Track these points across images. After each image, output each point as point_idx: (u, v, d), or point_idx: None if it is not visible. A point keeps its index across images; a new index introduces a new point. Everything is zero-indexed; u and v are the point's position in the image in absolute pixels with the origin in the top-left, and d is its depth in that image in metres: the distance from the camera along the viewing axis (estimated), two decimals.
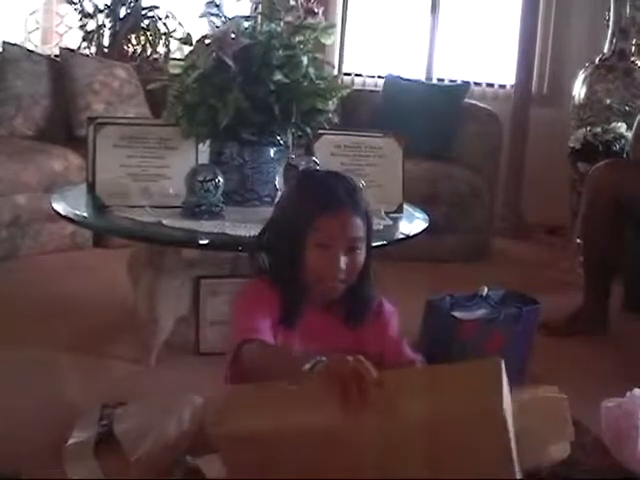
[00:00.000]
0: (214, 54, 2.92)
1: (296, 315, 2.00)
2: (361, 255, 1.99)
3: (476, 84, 5.79)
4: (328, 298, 2.04)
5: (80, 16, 5.77)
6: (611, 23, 5.08)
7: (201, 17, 3.09)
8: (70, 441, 2.37)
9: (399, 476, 1.62)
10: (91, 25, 5.77)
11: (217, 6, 3.05)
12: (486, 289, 3.16)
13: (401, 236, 3.03)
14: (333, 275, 1.95)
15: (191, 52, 3.09)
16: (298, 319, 2.00)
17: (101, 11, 5.74)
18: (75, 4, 5.76)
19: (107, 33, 5.78)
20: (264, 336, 1.92)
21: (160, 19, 5.80)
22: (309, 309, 2.02)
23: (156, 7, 5.81)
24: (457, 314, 2.97)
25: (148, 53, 5.78)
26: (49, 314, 3.51)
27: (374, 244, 2.77)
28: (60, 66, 5.01)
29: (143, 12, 5.77)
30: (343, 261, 1.95)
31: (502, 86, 5.88)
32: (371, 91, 5.67)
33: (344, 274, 1.96)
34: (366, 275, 2.04)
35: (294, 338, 2.01)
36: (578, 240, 4.22)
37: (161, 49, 5.78)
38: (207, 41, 2.99)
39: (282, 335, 1.99)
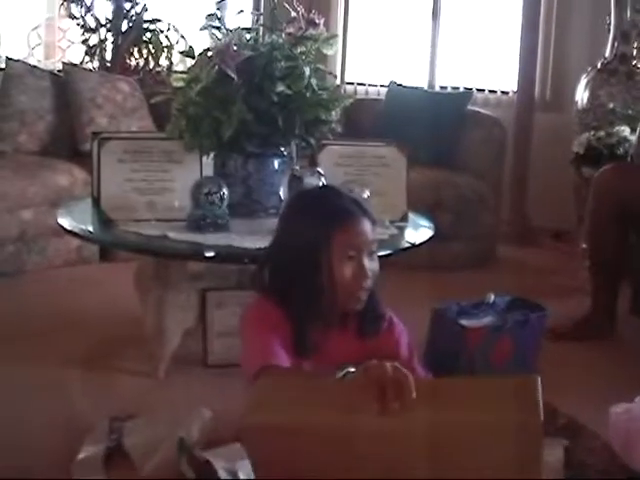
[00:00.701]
0: (216, 67, 2.93)
1: (306, 345, 1.99)
2: (377, 262, 2.00)
3: (479, 91, 5.80)
4: (351, 311, 2.03)
5: (82, 31, 5.78)
6: (612, 27, 5.08)
7: (202, 30, 3.11)
8: (80, 455, 2.38)
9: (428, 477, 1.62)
10: (93, 39, 5.79)
11: (219, 19, 3.06)
12: (493, 296, 3.16)
13: (406, 245, 3.03)
14: (362, 284, 1.96)
15: (194, 65, 3.10)
16: (310, 350, 1.99)
17: (103, 25, 5.76)
18: (77, 19, 5.78)
19: (109, 47, 5.80)
20: (280, 359, 1.90)
21: (162, 32, 5.82)
22: (322, 332, 2.02)
23: (158, 20, 5.83)
24: (464, 322, 2.97)
25: (151, 66, 5.79)
26: (56, 329, 3.51)
27: (380, 253, 2.80)
28: (63, 81, 5.03)
29: (145, 25, 5.79)
30: (367, 269, 1.96)
31: (505, 92, 5.88)
32: (374, 100, 5.68)
33: (370, 281, 1.97)
34: (374, 291, 2.04)
35: (306, 363, 2.00)
36: (584, 245, 4.22)
37: (164, 62, 5.80)
38: (209, 54, 3.01)
39: (294, 361, 1.98)
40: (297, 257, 1.97)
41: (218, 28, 3.06)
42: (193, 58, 3.13)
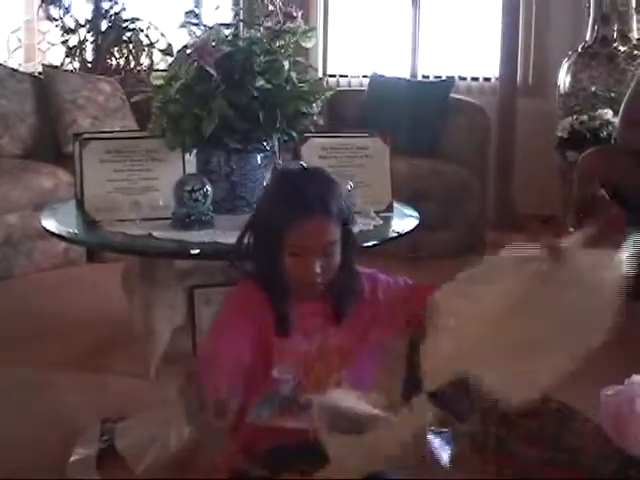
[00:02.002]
0: (195, 64, 2.92)
1: (287, 322, 1.99)
2: (336, 256, 1.97)
3: (461, 79, 5.80)
4: (312, 296, 2.03)
5: (62, 32, 5.76)
6: (592, 10, 5.09)
7: (181, 27, 3.09)
8: (72, 458, 2.38)
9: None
10: (73, 40, 5.77)
11: (196, 16, 3.05)
12: None
13: (392, 235, 3.03)
14: (310, 280, 1.95)
15: (172, 63, 3.09)
16: (290, 326, 1.99)
17: (82, 26, 5.74)
18: (56, 20, 5.76)
19: (90, 47, 5.77)
20: (231, 361, 1.87)
21: (142, 31, 5.79)
22: (294, 309, 2.01)
23: (138, 19, 5.81)
24: None
25: (132, 65, 5.77)
26: (46, 332, 3.51)
27: (366, 244, 2.80)
28: (44, 83, 5.02)
29: (125, 25, 5.77)
30: (318, 266, 1.93)
31: (487, 79, 5.88)
32: (357, 91, 5.67)
33: (321, 277, 1.95)
34: (347, 271, 2.02)
35: (285, 341, 2.00)
36: (571, 229, 4.22)
37: (145, 61, 5.77)
38: (188, 51, 2.99)
39: (273, 341, 1.98)
40: (260, 234, 1.98)
41: (196, 25, 3.05)
42: (172, 56, 3.12)
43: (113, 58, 5.77)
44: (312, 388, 1.97)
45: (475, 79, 5.91)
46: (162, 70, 3.41)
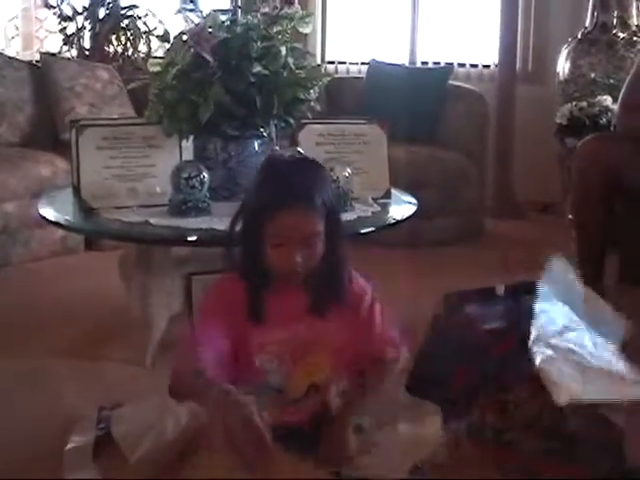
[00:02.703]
0: (192, 50, 2.91)
1: (260, 309, 1.99)
2: (318, 246, 1.96)
3: (460, 65, 5.79)
4: (292, 283, 2.02)
5: (59, 20, 5.74)
6: None
7: (177, 13, 3.08)
8: (68, 446, 2.36)
9: None
10: (71, 28, 5.75)
11: (193, 2, 3.04)
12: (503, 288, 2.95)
13: (390, 221, 3.01)
14: (290, 270, 1.94)
15: (169, 49, 3.08)
16: (263, 313, 1.99)
17: (80, 13, 5.71)
18: (54, 8, 5.73)
19: (87, 35, 5.75)
20: (210, 352, 1.94)
21: (140, 18, 5.76)
22: (275, 298, 2.01)
23: (135, 6, 5.78)
24: (487, 326, 2.70)
25: (130, 53, 5.75)
26: (43, 320, 3.50)
27: (363, 230, 2.79)
28: (41, 71, 5.00)
29: (122, 12, 5.74)
30: (299, 256, 1.92)
31: (486, 66, 5.87)
32: (355, 78, 5.66)
33: (301, 267, 1.94)
34: (331, 261, 2.01)
35: (262, 330, 2.00)
36: (570, 216, 4.21)
37: (142, 48, 5.75)
38: (184, 37, 2.98)
39: (250, 330, 1.98)
40: (246, 221, 1.98)
41: (192, 11, 3.03)
42: (169, 42, 3.10)
43: (111, 45, 5.74)
44: (303, 378, 1.98)
45: (474, 66, 5.89)
46: (159, 57, 3.40)
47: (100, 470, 2.26)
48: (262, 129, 3.07)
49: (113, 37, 5.77)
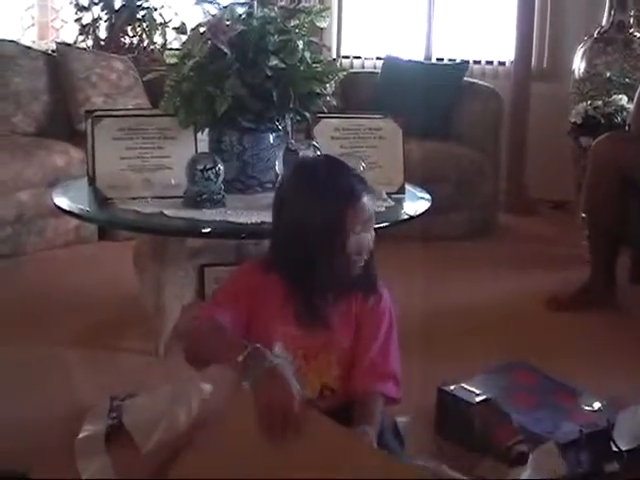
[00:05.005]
0: (209, 42, 2.91)
1: (315, 313, 2.01)
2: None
3: (475, 62, 5.77)
4: (348, 279, 2.05)
5: (75, 10, 5.74)
6: None
7: (195, 5, 3.09)
8: (81, 435, 2.38)
9: None
10: (87, 18, 5.75)
11: None
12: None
13: (404, 216, 3.02)
14: (363, 255, 2.01)
15: (186, 41, 3.08)
16: (311, 318, 2.01)
17: (96, 4, 5.71)
18: None
19: (103, 26, 5.75)
20: (229, 315, 2.00)
21: (156, 9, 5.76)
22: (331, 305, 2.05)
23: None
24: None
25: (145, 44, 5.75)
26: (56, 310, 3.51)
27: (377, 225, 2.80)
28: (57, 61, 5.00)
29: (138, 3, 5.74)
30: (369, 238, 2.00)
31: (502, 63, 5.85)
32: (370, 73, 5.65)
33: (369, 250, 2.02)
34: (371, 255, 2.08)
35: (284, 322, 2.02)
36: (583, 214, 4.21)
37: (158, 39, 5.75)
38: (202, 29, 2.99)
39: (271, 320, 2.00)
40: (309, 232, 1.97)
41: (210, 3, 3.04)
42: (186, 34, 3.11)
43: (126, 36, 5.74)
44: (314, 378, 2.00)
45: (489, 63, 5.88)
46: (175, 49, 3.40)
47: (112, 459, 2.28)
48: (278, 122, 3.07)
49: (129, 28, 5.76)
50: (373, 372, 2.05)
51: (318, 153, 2.93)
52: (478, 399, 2.45)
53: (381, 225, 2.81)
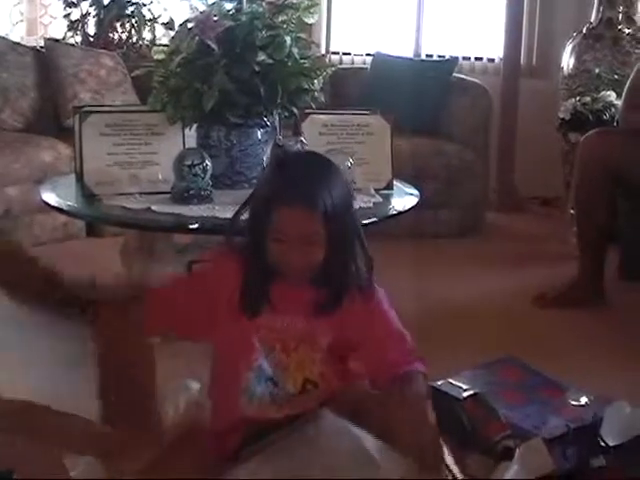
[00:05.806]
0: (196, 38, 2.91)
1: (253, 301, 1.98)
2: (318, 248, 1.93)
3: (464, 59, 5.77)
4: (298, 282, 2.01)
5: (64, 5, 5.72)
6: None
7: (183, 1, 3.08)
8: None
9: None
10: (76, 14, 5.73)
11: None
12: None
13: (392, 212, 3.02)
14: (289, 267, 1.93)
15: (174, 37, 3.07)
16: (256, 305, 1.99)
17: None
18: None
19: (92, 21, 5.74)
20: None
21: (145, 5, 5.74)
22: (277, 287, 2.00)
23: None
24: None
25: (134, 40, 5.73)
26: None
27: (365, 221, 2.79)
28: (46, 57, 4.99)
29: None
30: (297, 255, 1.91)
31: (491, 60, 5.86)
32: (359, 69, 5.64)
33: (299, 266, 1.93)
34: (335, 263, 1.99)
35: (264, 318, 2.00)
36: (572, 211, 4.22)
37: (147, 35, 5.74)
38: (189, 25, 2.98)
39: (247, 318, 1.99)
40: (252, 213, 1.97)
41: None
42: (174, 30, 3.10)
43: (115, 32, 5.72)
44: (296, 371, 1.98)
45: (479, 59, 5.88)
46: (164, 45, 3.39)
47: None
48: (265, 118, 3.07)
49: (118, 24, 5.74)
50: (401, 355, 2.02)
51: (306, 149, 2.93)
52: (466, 394, 2.45)
53: (369, 221, 2.82)
